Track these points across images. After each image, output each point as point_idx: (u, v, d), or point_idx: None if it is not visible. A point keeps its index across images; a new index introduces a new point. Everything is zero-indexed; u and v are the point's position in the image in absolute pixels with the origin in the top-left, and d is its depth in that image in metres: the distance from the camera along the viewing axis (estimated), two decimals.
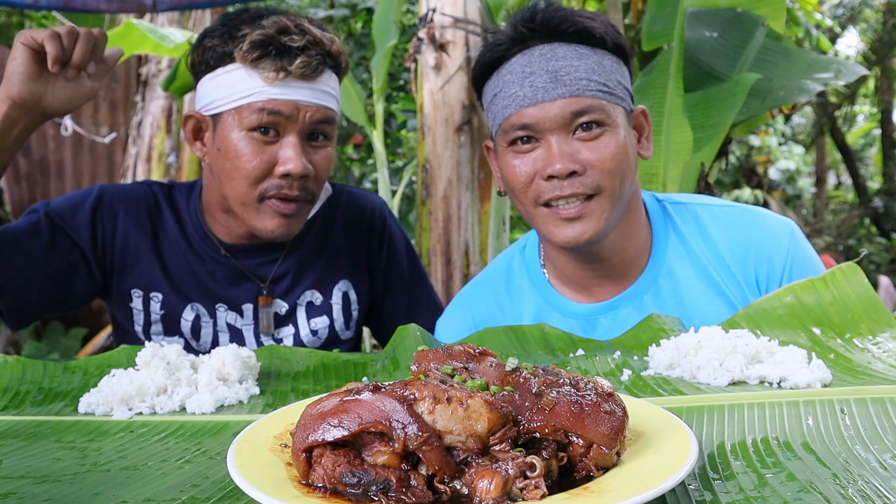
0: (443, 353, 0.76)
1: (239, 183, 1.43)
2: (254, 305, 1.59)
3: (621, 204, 1.35)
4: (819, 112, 11.27)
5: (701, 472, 0.70)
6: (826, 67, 2.58)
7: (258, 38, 1.38)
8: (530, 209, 1.35)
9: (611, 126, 1.30)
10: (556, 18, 1.30)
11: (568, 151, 1.29)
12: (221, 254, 1.58)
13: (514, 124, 1.32)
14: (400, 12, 3.68)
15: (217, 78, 1.43)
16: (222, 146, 1.44)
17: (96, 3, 2.43)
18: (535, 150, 1.32)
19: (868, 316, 1.14)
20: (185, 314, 1.56)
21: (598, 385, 0.69)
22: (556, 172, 1.28)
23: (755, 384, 0.97)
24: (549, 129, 1.29)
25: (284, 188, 1.43)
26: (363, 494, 0.61)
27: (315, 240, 1.66)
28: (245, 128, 1.40)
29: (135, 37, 3.14)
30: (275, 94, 1.39)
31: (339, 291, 1.65)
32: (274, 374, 1.15)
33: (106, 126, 5.41)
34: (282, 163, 1.41)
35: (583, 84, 1.29)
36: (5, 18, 7.51)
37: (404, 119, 6.05)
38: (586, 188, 1.29)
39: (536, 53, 1.30)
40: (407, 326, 1.24)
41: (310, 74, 1.41)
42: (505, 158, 1.36)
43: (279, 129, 1.42)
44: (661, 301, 1.41)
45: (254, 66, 1.39)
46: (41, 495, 0.69)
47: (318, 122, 1.44)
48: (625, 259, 1.41)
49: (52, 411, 1.00)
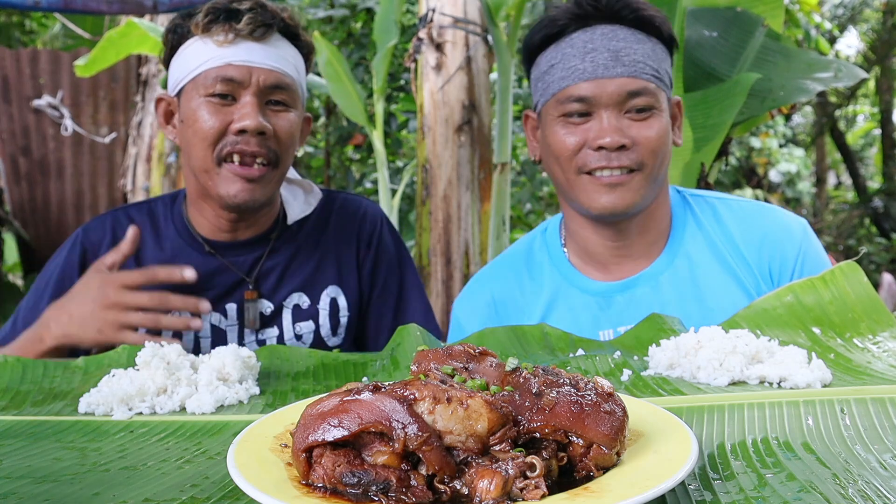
0: (443, 353, 0.76)
1: (198, 147, 1.45)
2: (237, 305, 1.57)
3: (656, 184, 1.43)
4: (819, 112, 11.27)
5: (701, 472, 0.70)
6: (826, 68, 2.58)
7: (209, 7, 1.45)
8: (571, 177, 1.42)
9: (658, 110, 1.39)
10: (619, 3, 1.39)
11: (618, 126, 1.37)
12: (205, 251, 1.57)
13: (571, 95, 1.38)
14: (400, 12, 3.68)
15: (178, 56, 1.48)
16: (185, 117, 1.47)
17: (97, 4, 2.44)
18: (587, 123, 1.39)
19: (868, 315, 1.14)
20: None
21: (598, 385, 0.69)
22: (606, 144, 1.36)
23: (755, 384, 0.97)
24: (604, 105, 1.37)
25: (241, 144, 1.43)
26: (363, 494, 0.61)
27: (305, 240, 1.65)
28: (203, 94, 1.43)
29: (135, 36, 3.14)
30: (227, 56, 1.42)
31: (328, 297, 1.63)
32: (274, 374, 1.15)
33: (106, 126, 5.42)
34: (237, 120, 1.42)
35: (640, 67, 1.37)
36: (5, 18, 7.51)
37: (404, 119, 6.06)
38: (631, 162, 1.37)
39: (598, 32, 1.38)
40: (407, 326, 1.24)
41: (260, 36, 1.45)
42: (553, 128, 1.43)
43: (235, 94, 1.44)
44: (677, 283, 1.46)
45: (206, 32, 1.44)
46: (41, 495, 0.69)
47: (273, 87, 1.46)
48: (646, 240, 1.48)
49: (52, 411, 1.00)
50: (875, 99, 12.81)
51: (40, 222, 5.42)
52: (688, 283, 1.45)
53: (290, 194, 1.65)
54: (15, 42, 7.61)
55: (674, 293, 1.44)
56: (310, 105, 6.65)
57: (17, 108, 5.28)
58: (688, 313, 1.38)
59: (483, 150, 3.51)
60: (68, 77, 5.27)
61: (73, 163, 5.39)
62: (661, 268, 1.47)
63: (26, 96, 5.29)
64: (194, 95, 1.44)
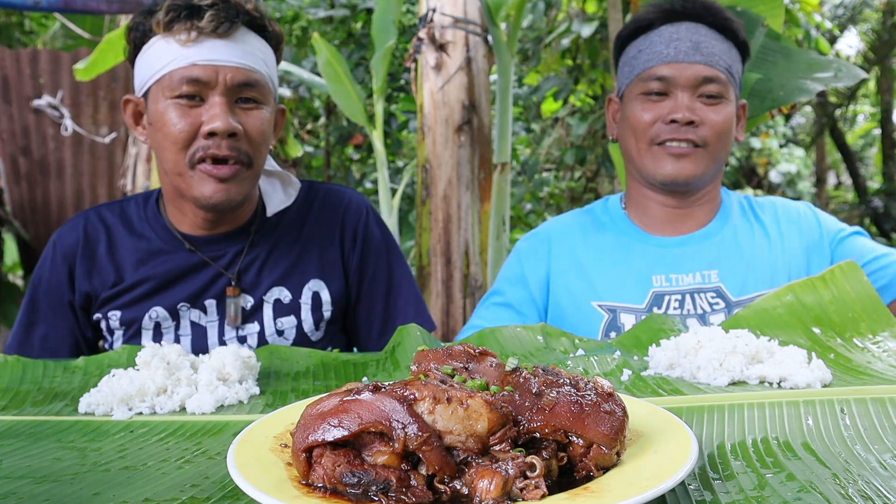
0: (443, 353, 0.76)
1: (169, 151, 1.42)
2: (217, 301, 1.55)
3: (716, 165, 1.61)
4: (819, 112, 11.27)
5: (701, 472, 0.70)
6: (826, 67, 2.58)
7: (171, 5, 1.40)
8: (643, 146, 1.60)
9: (727, 99, 1.57)
10: (704, 6, 1.59)
11: (692, 106, 1.55)
12: (185, 248, 1.55)
13: (653, 74, 1.57)
14: (400, 12, 3.68)
15: (142, 56, 1.44)
16: (153, 119, 1.44)
17: (96, 4, 2.44)
18: (664, 102, 1.57)
19: (868, 315, 1.14)
20: (145, 324, 1.53)
21: (598, 385, 0.69)
22: (679, 118, 1.53)
23: (755, 384, 0.97)
24: (680, 86, 1.55)
25: (212, 148, 1.39)
26: (363, 494, 0.61)
27: (285, 232, 1.62)
28: (169, 96, 1.40)
29: None
30: (191, 56, 1.38)
31: (310, 290, 1.59)
32: (274, 374, 1.15)
33: (106, 126, 5.41)
34: (206, 122, 1.39)
35: (716, 58, 1.56)
36: (5, 18, 7.51)
37: (404, 119, 6.05)
38: (697, 138, 1.55)
39: (684, 27, 1.58)
40: (407, 326, 1.24)
41: (224, 32, 1.40)
42: (633, 104, 1.61)
43: (202, 94, 1.40)
44: (724, 245, 1.63)
45: (168, 31, 1.40)
46: (41, 495, 0.69)
47: (242, 85, 1.42)
48: (701, 211, 1.67)
49: (52, 411, 1.00)
50: (875, 99, 12.81)
51: (40, 222, 5.42)
52: (733, 246, 1.63)
53: (269, 186, 1.62)
54: (15, 42, 7.61)
55: (721, 251, 1.62)
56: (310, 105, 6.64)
57: (17, 108, 5.28)
58: (733, 268, 1.59)
59: (483, 150, 3.51)
60: (68, 77, 5.27)
61: (73, 163, 5.39)
62: (713, 232, 1.65)
63: (26, 96, 5.28)
64: (160, 97, 1.41)
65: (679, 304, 1.57)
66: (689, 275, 1.60)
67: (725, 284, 1.58)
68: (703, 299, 1.58)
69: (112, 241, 1.58)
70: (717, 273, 1.59)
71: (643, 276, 1.62)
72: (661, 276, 1.60)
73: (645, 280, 1.61)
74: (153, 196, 1.63)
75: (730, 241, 1.64)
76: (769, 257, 1.61)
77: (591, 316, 1.61)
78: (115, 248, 1.57)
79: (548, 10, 5.72)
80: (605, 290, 1.63)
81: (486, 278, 3.52)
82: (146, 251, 1.56)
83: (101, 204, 1.65)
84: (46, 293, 1.57)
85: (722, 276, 1.59)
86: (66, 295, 1.56)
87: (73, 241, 1.58)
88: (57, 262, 1.57)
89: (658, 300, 1.59)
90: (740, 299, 1.56)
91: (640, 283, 1.61)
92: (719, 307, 1.56)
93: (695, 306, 1.57)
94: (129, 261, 1.56)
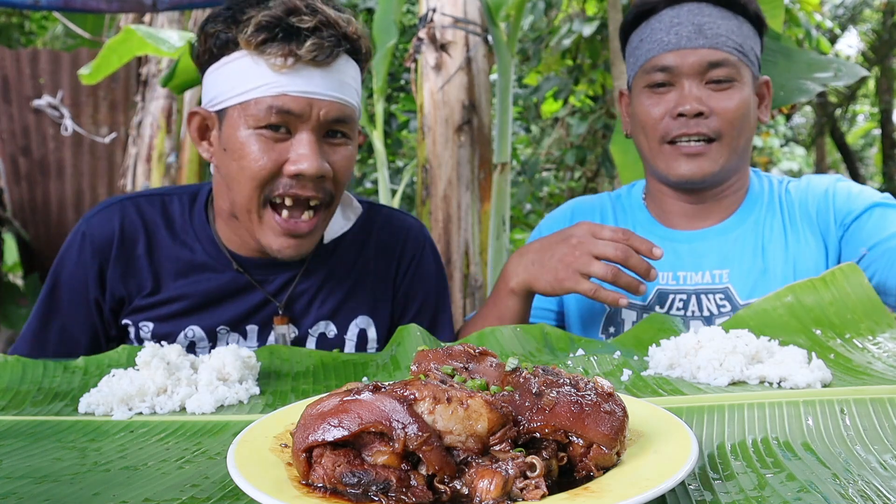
0: (443, 353, 0.76)
1: (244, 185, 1.28)
2: (258, 328, 1.44)
3: (735, 155, 1.50)
4: (819, 112, 11.27)
5: (701, 472, 0.70)
6: (826, 67, 2.58)
7: (264, 19, 1.23)
8: (654, 146, 1.51)
9: (739, 82, 1.46)
10: None
11: (699, 95, 1.44)
12: (233, 268, 1.43)
13: (655, 65, 1.48)
14: (400, 12, 3.68)
15: (221, 68, 1.29)
16: (228, 145, 1.29)
17: (96, 3, 2.44)
18: (670, 93, 1.48)
19: (868, 316, 1.14)
20: (179, 340, 1.42)
21: (598, 385, 0.69)
22: (685, 111, 1.44)
23: (755, 384, 0.97)
24: (685, 74, 1.45)
25: (295, 188, 1.27)
26: (363, 494, 0.61)
27: (340, 261, 1.49)
28: (252, 125, 1.26)
29: (134, 42, 3.15)
30: (284, 84, 1.23)
31: (356, 327, 1.49)
32: (274, 374, 1.14)
33: (106, 126, 5.41)
34: (293, 161, 1.25)
35: (722, 39, 1.44)
36: (5, 19, 7.52)
37: (405, 119, 6.05)
38: (709, 130, 1.45)
39: (685, 9, 1.47)
40: (407, 326, 1.24)
41: (323, 59, 1.25)
42: (639, 98, 1.52)
43: (290, 126, 1.27)
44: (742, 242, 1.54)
45: (259, 52, 1.24)
46: (41, 495, 0.69)
47: (335, 121, 1.29)
48: (721, 205, 1.57)
49: (52, 411, 0.99)
50: (875, 99, 12.81)
51: (40, 222, 5.42)
52: (750, 244, 1.53)
53: None
54: (15, 43, 7.61)
55: (737, 249, 1.53)
56: None
57: (17, 108, 5.28)
58: (746, 269, 1.50)
59: (483, 150, 3.51)
60: (68, 77, 5.27)
61: (73, 163, 5.39)
62: (731, 227, 1.56)
63: (26, 96, 5.29)
64: (241, 123, 1.26)
65: (683, 304, 1.51)
66: (698, 273, 1.53)
67: (735, 286, 1.49)
68: (710, 301, 1.50)
69: (152, 243, 1.43)
70: (728, 273, 1.51)
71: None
72: (668, 274, 1.54)
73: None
74: (201, 200, 1.47)
75: (748, 237, 1.54)
76: (784, 256, 1.51)
77: (594, 305, 1.58)
78: (154, 252, 1.43)
79: (548, 10, 5.73)
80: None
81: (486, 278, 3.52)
82: (188, 263, 1.43)
83: (137, 193, 1.49)
84: (69, 287, 1.43)
85: (732, 277, 1.50)
86: (92, 292, 1.42)
87: (107, 237, 1.42)
88: (86, 257, 1.41)
89: (661, 298, 1.54)
90: (748, 302, 1.47)
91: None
92: (726, 310, 1.48)
93: (700, 308, 1.50)
94: (169, 270, 1.42)
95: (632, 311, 1.55)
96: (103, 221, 1.43)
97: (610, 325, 1.57)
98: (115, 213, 1.44)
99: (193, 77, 2.77)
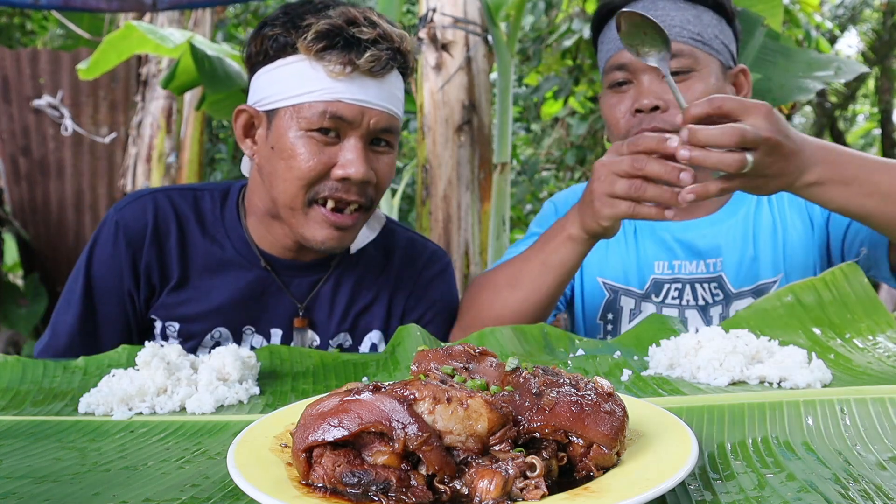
0: (443, 353, 0.76)
1: (291, 184, 1.32)
2: (283, 331, 1.47)
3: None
4: (819, 112, 11.27)
5: (701, 472, 0.70)
6: (826, 66, 2.58)
7: (325, 27, 1.28)
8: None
9: (700, 72, 1.43)
10: None
11: (655, 90, 1.42)
12: (261, 265, 1.45)
13: (613, 64, 1.48)
14: (400, 12, 3.68)
15: (276, 70, 1.33)
16: (277, 145, 1.32)
17: (96, 2, 2.44)
18: (630, 91, 1.46)
19: (868, 316, 1.14)
20: (205, 342, 1.44)
21: (598, 385, 0.69)
22: (641, 106, 1.42)
23: (755, 384, 0.97)
24: (641, 69, 1.43)
25: (340, 191, 1.32)
26: (363, 494, 0.61)
27: (364, 274, 1.52)
28: (304, 128, 1.30)
29: (135, 38, 3.14)
30: (339, 91, 1.28)
31: (370, 341, 1.53)
32: (274, 374, 1.15)
33: (106, 126, 5.41)
34: (341, 165, 1.30)
35: (676, 31, 1.42)
36: (6, 20, 7.52)
37: (405, 119, 6.05)
38: (666, 124, 1.40)
39: (640, 6, 1.46)
40: (407, 326, 1.24)
41: (378, 71, 1.30)
42: (603, 98, 1.52)
43: (341, 132, 1.31)
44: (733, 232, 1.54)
45: (318, 58, 1.28)
46: (41, 495, 0.69)
47: (383, 130, 1.34)
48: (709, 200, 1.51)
49: (52, 411, 1.00)
50: (875, 99, 12.80)
51: (40, 222, 5.42)
52: (742, 233, 1.53)
53: None
54: (15, 43, 7.61)
55: (729, 239, 1.53)
56: None
57: (17, 108, 5.28)
58: (738, 258, 1.51)
59: (483, 150, 3.51)
60: (68, 77, 5.27)
61: (73, 163, 5.39)
62: (724, 217, 1.57)
63: (26, 96, 5.29)
64: (292, 124, 1.30)
65: (678, 293, 1.53)
66: (692, 263, 1.54)
67: (728, 274, 1.52)
68: (705, 290, 1.53)
69: (184, 236, 1.45)
70: (721, 262, 1.53)
71: (646, 261, 1.58)
72: (663, 263, 1.56)
73: (647, 265, 1.57)
74: (233, 197, 1.51)
75: (740, 227, 1.56)
76: (773, 242, 1.53)
77: (595, 291, 1.60)
78: (186, 246, 1.45)
79: (548, 10, 5.72)
80: (610, 268, 1.59)
81: None
82: (218, 259, 1.45)
83: (169, 186, 1.51)
84: (104, 279, 1.43)
85: (725, 266, 1.53)
86: (126, 283, 1.43)
87: (141, 227, 1.43)
88: (120, 248, 1.42)
89: (657, 287, 1.55)
90: (740, 291, 1.52)
91: (643, 267, 1.58)
92: (719, 298, 1.52)
93: (695, 297, 1.53)
94: (199, 264, 1.44)
95: (630, 298, 1.56)
96: (137, 212, 1.44)
97: (608, 312, 1.58)
98: (149, 203, 1.45)
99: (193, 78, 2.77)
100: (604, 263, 1.61)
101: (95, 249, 1.45)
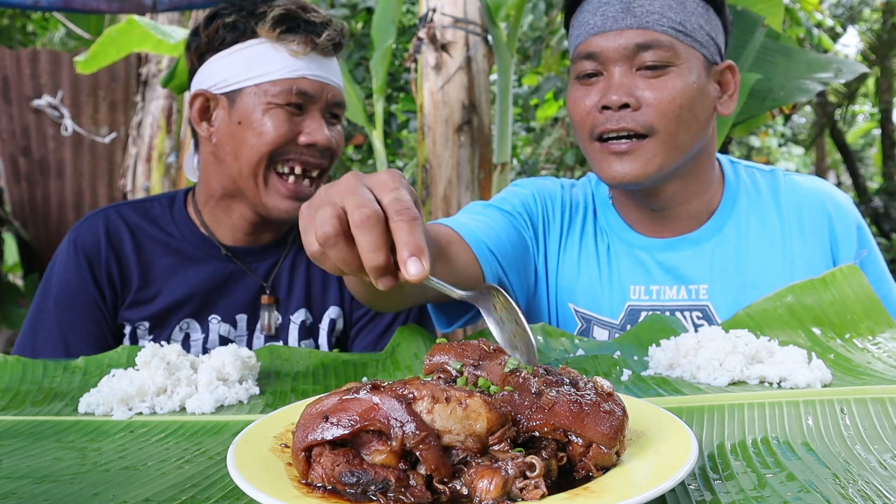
0: (458, 348, 0.76)
1: (257, 150, 1.41)
2: (248, 316, 1.53)
3: (680, 152, 1.28)
4: (819, 112, 11.27)
5: (701, 472, 0.70)
6: (826, 66, 2.58)
7: (283, 12, 1.42)
8: (585, 143, 1.33)
9: (679, 67, 1.26)
10: None
11: (626, 84, 1.26)
12: (222, 254, 1.53)
13: (582, 52, 1.30)
14: (400, 12, 3.68)
15: (234, 54, 1.43)
16: (245, 120, 1.43)
17: (96, 3, 2.44)
18: (598, 84, 1.29)
19: (868, 316, 1.14)
20: (174, 335, 1.50)
21: (597, 385, 0.69)
22: (609, 103, 1.25)
23: (755, 384, 0.97)
24: (612, 60, 1.27)
25: (306, 155, 1.44)
26: (362, 494, 0.61)
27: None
28: (271, 102, 1.41)
29: (136, 34, 3.13)
30: (302, 68, 1.42)
31: (328, 318, 1.59)
32: (274, 374, 1.15)
33: (106, 126, 5.41)
34: (307, 133, 1.43)
35: (654, 18, 1.25)
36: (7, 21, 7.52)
37: (405, 119, 6.06)
38: (637, 125, 1.25)
39: None
40: (407, 326, 1.24)
41: (330, 51, 1.46)
42: (570, 90, 1.35)
43: (304, 105, 1.44)
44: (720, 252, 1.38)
45: (279, 39, 1.41)
46: (41, 495, 0.69)
47: (336, 104, 1.49)
48: (688, 209, 1.39)
49: (52, 411, 0.99)
50: (875, 99, 12.80)
51: (40, 222, 5.42)
52: (731, 254, 1.37)
53: None
54: (15, 43, 7.61)
55: (715, 262, 1.36)
56: None
57: (17, 108, 5.28)
58: (726, 284, 1.34)
59: (483, 150, 3.51)
60: (68, 77, 5.27)
61: (73, 163, 5.39)
62: (707, 235, 1.39)
63: (26, 96, 5.29)
64: (260, 101, 1.41)
65: None
66: (672, 288, 1.36)
67: (714, 304, 1.34)
68: (687, 320, 1.34)
69: (138, 242, 1.52)
70: (706, 289, 1.35)
71: (620, 284, 1.39)
72: (640, 288, 1.38)
73: (622, 289, 1.39)
74: (179, 198, 1.59)
75: (728, 246, 1.37)
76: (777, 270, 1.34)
77: (568, 319, 1.43)
78: (142, 250, 1.52)
79: (548, 10, 5.72)
80: (581, 292, 1.42)
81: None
82: (177, 257, 1.52)
83: (119, 203, 1.59)
84: (64, 292, 1.49)
85: (712, 294, 1.35)
86: (90, 292, 1.49)
87: (95, 241, 1.51)
88: (78, 260, 1.50)
89: (633, 316, 1.37)
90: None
91: (617, 292, 1.39)
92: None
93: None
94: (159, 265, 1.51)
95: (604, 329, 1.40)
96: (90, 228, 1.54)
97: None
98: (100, 219, 1.54)
99: None
100: (574, 286, 1.42)
101: (56, 267, 1.53)
